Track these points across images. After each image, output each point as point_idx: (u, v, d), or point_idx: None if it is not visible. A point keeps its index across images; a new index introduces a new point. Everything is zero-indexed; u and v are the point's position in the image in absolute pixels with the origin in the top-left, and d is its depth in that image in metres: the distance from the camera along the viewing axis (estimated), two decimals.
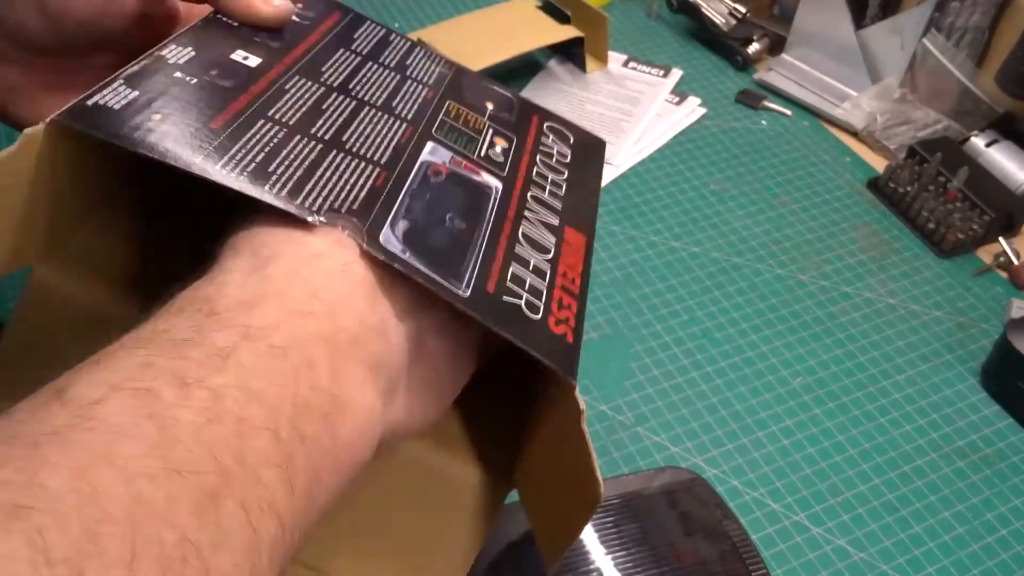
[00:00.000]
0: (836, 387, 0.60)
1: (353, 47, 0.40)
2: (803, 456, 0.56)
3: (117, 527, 0.18)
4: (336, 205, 0.29)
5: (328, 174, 0.31)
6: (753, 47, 0.89)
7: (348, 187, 0.31)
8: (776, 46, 0.90)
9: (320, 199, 0.29)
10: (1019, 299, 0.66)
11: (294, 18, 0.39)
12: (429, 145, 0.36)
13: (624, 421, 0.57)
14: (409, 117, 0.37)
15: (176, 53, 0.33)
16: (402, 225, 0.31)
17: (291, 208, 0.28)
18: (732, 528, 0.48)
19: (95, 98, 0.29)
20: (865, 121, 0.81)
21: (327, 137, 0.33)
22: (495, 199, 0.36)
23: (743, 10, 0.91)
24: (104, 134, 0.28)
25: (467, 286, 0.30)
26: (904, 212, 0.74)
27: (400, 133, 0.35)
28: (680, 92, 0.85)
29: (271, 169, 0.30)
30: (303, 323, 0.24)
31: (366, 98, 0.36)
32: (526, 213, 0.36)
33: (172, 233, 0.38)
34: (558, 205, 0.38)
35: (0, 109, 0.37)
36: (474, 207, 0.34)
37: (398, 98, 0.38)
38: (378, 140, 0.34)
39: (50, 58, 0.36)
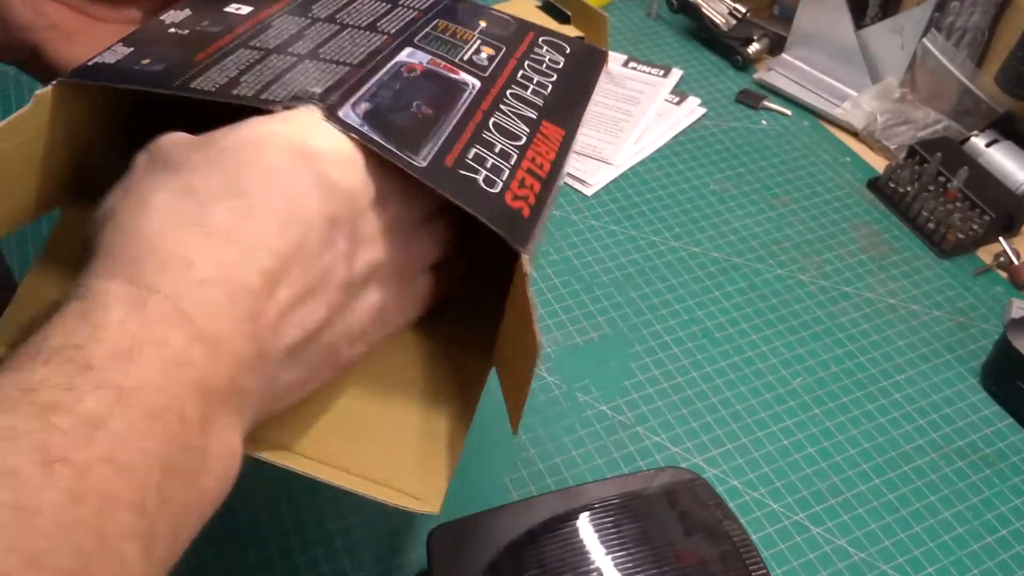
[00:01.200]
0: (836, 387, 0.60)
1: None
2: (803, 456, 0.56)
3: None
4: (298, 94, 0.31)
5: (298, 76, 0.33)
6: (753, 47, 0.89)
7: (313, 79, 0.32)
8: (776, 46, 0.90)
9: (284, 93, 0.31)
10: (1019, 299, 0.66)
11: None
12: (407, 49, 0.37)
13: (624, 421, 0.57)
14: (392, 32, 0.38)
15: (173, 16, 0.36)
16: (364, 106, 0.32)
17: (254, 103, 0.30)
18: (732, 528, 0.48)
19: (95, 59, 0.33)
20: (865, 121, 0.81)
21: (303, 52, 0.34)
22: (470, 93, 0.36)
23: (743, 10, 0.91)
24: (96, 81, 0.32)
25: (424, 159, 0.31)
26: (904, 212, 0.74)
27: (378, 43, 0.36)
28: (680, 92, 0.85)
29: (242, 79, 0.32)
30: (180, 375, 0.23)
31: (351, 23, 0.38)
32: (501, 106, 0.37)
33: None
34: (539, 102, 0.39)
35: (34, 48, 0.37)
36: (445, 98, 0.35)
37: (384, 20, 0.39)
38: (353, 48, 0.36)
39: (91, 2, 0.38)
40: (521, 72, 0.40)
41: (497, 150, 0.35)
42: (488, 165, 0.34)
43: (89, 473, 0.21)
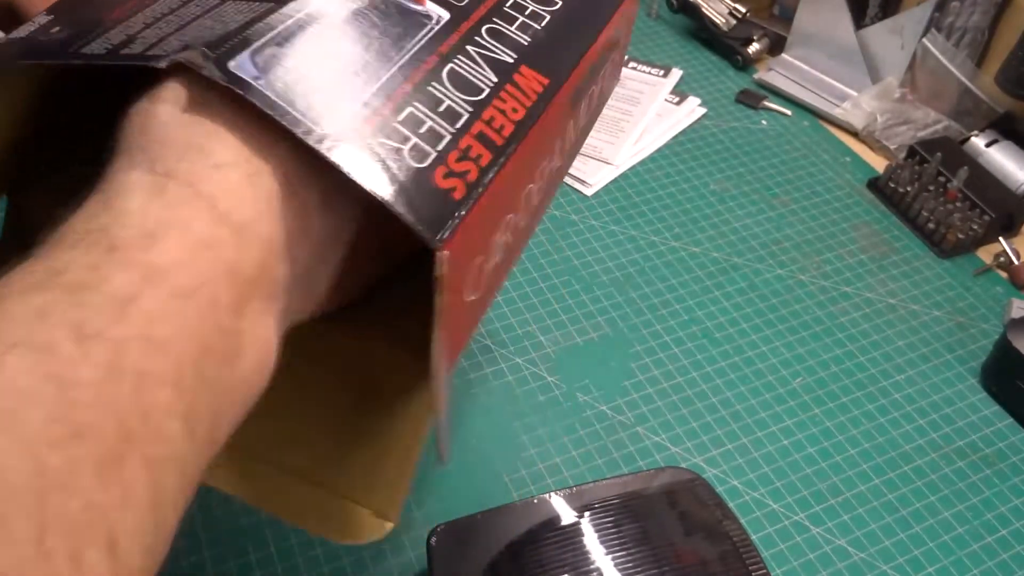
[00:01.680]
0: (836, 387, 0.60)
1: None
2: (803, 456, 0.56)
3: (23, 502, 0.18)
4: (190, 43, 0.25)
5: (206, 21, 0.27)
6: (753, 47, 0.89)
7: (218, 25, 0.26)
8: (776, 46, 0.90)
9: (177, 43, 0.25)
10: (1019, 299, 0.66)
11: None
12: None
13: (624, 421, 0.57)
14: None
15: None
16: (269, 52, 0.26)
17: (137, 61, 0.25)
18: (732, 528, 0.48)
19: (12, 34, 0.28)
20: (865, 121, 0.81)
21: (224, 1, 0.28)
22: (431, 29, 0.29)
23: (743, 10, 0.91)
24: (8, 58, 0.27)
25: (332, 122, 0.25)
26: (904, 212, 0.74)
27: None
28: (680, 92, 0.85)
29: (141, 35, 0.27)
30: (207, 257, 0.23)
31: None
32: (468, 47, 0.30)
33: None
34: (524, 39, 0.31)
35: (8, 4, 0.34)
36: (393, 38, 0.28)
37: None
38: None
39: None
40: (512, 1, 0.32)
41: (442, 108, 0.27)
42: (423, 130, 0.26)
43: (124, 349, 0.20)
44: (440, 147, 0.27)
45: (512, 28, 0.32)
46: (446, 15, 0.30)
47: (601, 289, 0.66)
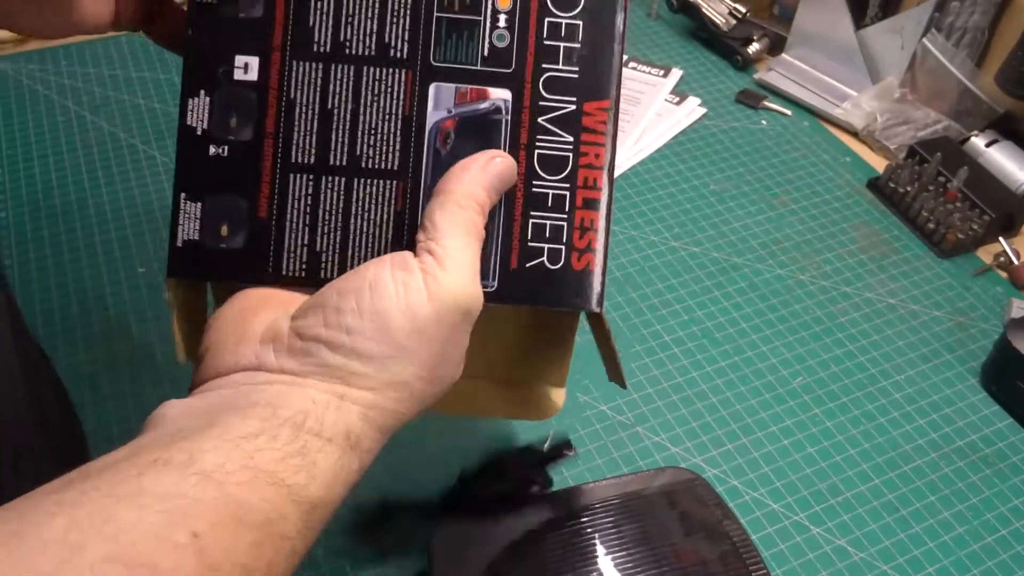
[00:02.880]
0: (836, 387, 0.60)
1: None
2: (803, 456, 0.56)
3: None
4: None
5: (359, 223, 0.36)
6: (753, 47, 0.89)
7: (377, 229, 0.35)
8: (776, 46, 0.90)
9: (362, 262, 0.34)
10: (1019, 299, 0.66)
11: None
12: (432, 90, 0.36)
13: (624, 421, 0.57)
14: (404, 53, 0.36)
15: (196, 113, 0.36)
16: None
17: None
18: (732, 528, 0.48)
19: (180, 234, 0.36)
20: (865, 121, 0.81)
21: (344, 163, 0.36)
22: (506, 123, 0.36)
23: (743, 10, 0.91)
24: (207, 278, 0.37)
25: (493, 276, 0.35)
26: (904, 212, 0.74)
27: (402, 99, 0.36)
28: (680, 92, 0.85)
29: (318, 249, 0.36)
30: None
31: (361, 52, 0.36)
32: (540, 120, 0.36)
33: None
34: (575, 73, 0.37)
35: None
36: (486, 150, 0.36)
37: (388, 20, 0.36)
38: (385, 129, 0.36)
39: None
40: (547, 22, 0.37)
41: (550, 201, 0.36)
42: (547, 233, 0.36)
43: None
44: (565, 238, 0.36)
45: (560, 66, 0.37)
46: (508, 95, 0.36)
47: None
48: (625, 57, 0.89)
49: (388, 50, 0.36)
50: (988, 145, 0.76)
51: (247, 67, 0.36)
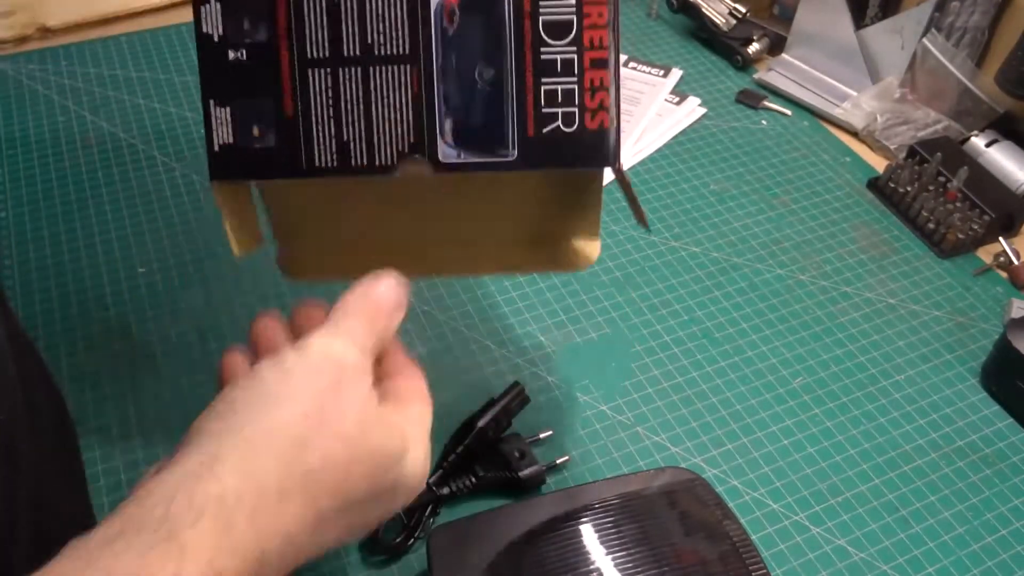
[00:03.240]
0: (836, 387, 0.60)
1: None
2: (803, 456, 0.56)
3: None
4: (401, 147, 0.37)
5: (380, 109, 0.37)
6: (753, 47, 0.89)
7: (399, 115, 0.37)
8: (776, 46, 0.90)
9: (387, 147, 0.37)
10: (1019, 299, 0.66)
11: None
12: None
13: (624, 421, 0.57)
14: None
15: (210, 20, 0.37)
16: (448, 126, 0.37)
17: (375, 174, 0.37)
18: (732, 528, 0.48)
19: (215, 139, 0.38)
20: (865, 121, 0.81)
21: (358, 53, 0.37)
22: None
23: (743, 10, 0.91)
24: (247, 177, 0.39)
25: (512, 145, 0.37)
26: (904, 212, 0.74)
27: None
28: (680, 92, 0.85)
29: (346, 138, 0.37)
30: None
31: None
32: None
33: None
34: None
35: None
36: (493, 34, 0.37)
37: None
38: (393, 15, 0.37)
39: None
40: None
41: (559, 66, 0.37)
42: (560, 97, 0.37)
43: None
44: (577, 100, 0.37)
45: None
46: None
47: (601, 289, 0.66)
48: (625, 57, 0.89)
49: None
50: (988, 145, 0.76)
51: None
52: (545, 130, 0.37)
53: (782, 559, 0.50)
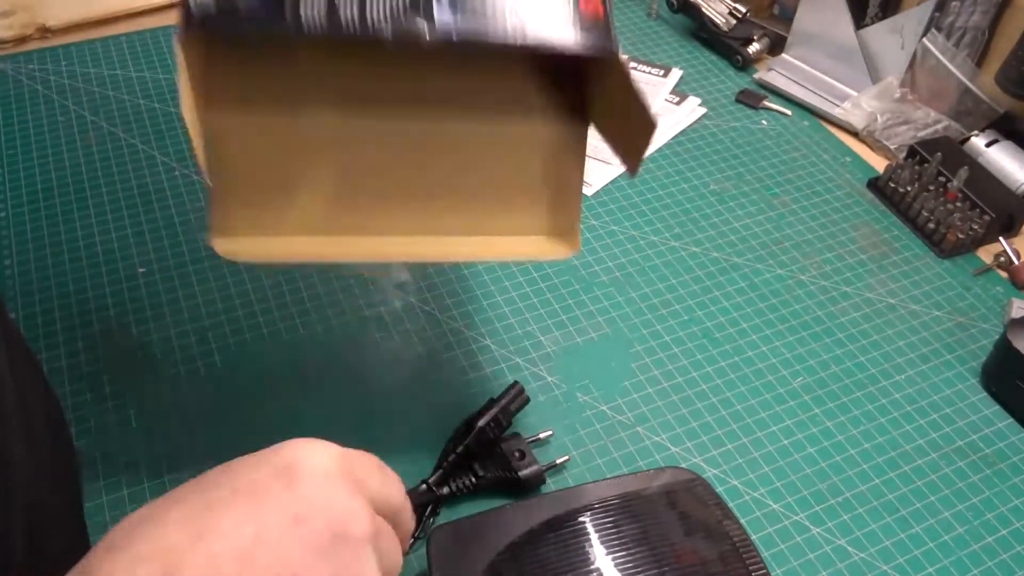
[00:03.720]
0: (836, 387, 0.60)
1: None
2: (803, 456, 0.56)
3: None
4: (398, 15, 0.35)
5: None
6: (753, 47, 0.89)
7: None
8: (776, 46, 0.90)
9: (380, 4, 0.35)
10: (1019, 299, 0.66)
11: None
12: None
13: (624, 421, 0.57)
14: None
15: None
16: None
17: (366, 34, 0.35)
18: (732, 528, 0.48)
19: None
20: (865, 121, 0.81)
21: None
22: None
23: (743, 10, 0.91)
24: (227, 29, 0.35)
25: (526, 14, 0.36)
26: (904, 212, 0.74)
27: None
28: (680, 92, 0.85)
29: (337, 8, 0.35)
30: None
31: None
32: None
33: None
34: None
35: None
36: None
37: None
38: None
39: None
40: None
41: None
42: None
43: None
44: None
45: None
46: None
47: (601, 289, 0.66)
48: (625, 57, 0.89)
49: None
50: (988, 145, 0.76)
51: None
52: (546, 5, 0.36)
53: (782, 559, 0.50)
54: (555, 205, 0.45)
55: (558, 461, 0.53)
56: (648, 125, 0.40)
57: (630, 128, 0.42)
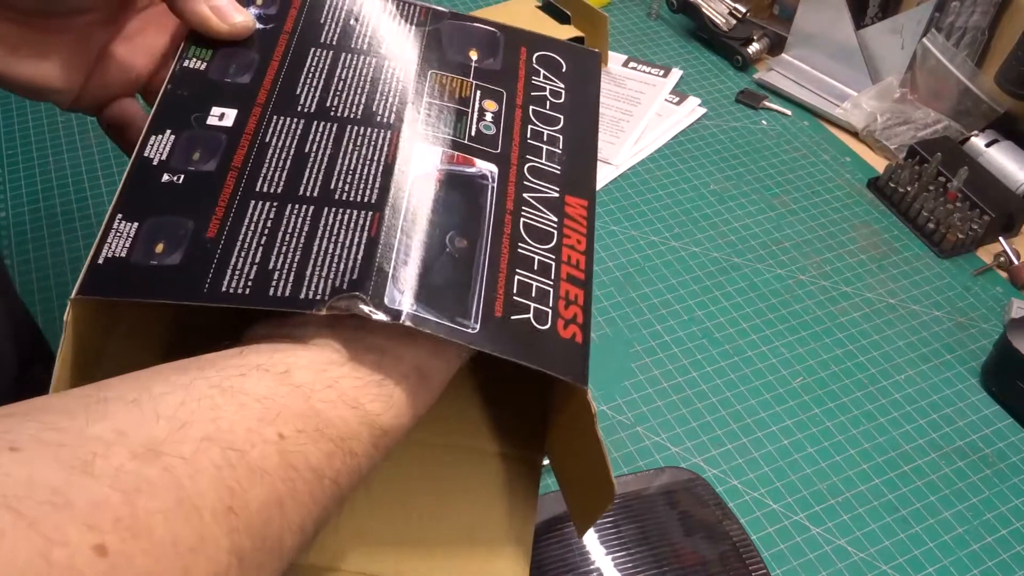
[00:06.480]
0: (836, 387, 0.60)
1: (322, 39, 0.38)
2: (803, 456, 0.56)
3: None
4: (337, 283, 0.30)
5: (325, 245, 0.31)
6: (753, 47, 0.89)
7: (345, 252, 0.31)
8: (776, 46, 0.90)
9: (321, 281, 0.30)
10: (1019, 299, 0.66)
11: (257, 25, 0.38)
12: (418, 149, 0.35)
13: (624, 421, 0.57)
14: (391, 120, 0.36)
15: (156, 147, 0.34)
16: (403, 274, 0.31)
17: (297, 308, 0.30)
18: (732, 528, 0.48)
19: (104, 251, 0.31)
20: (865, 121, 0.81)
21: (316, 194, 0.33)
22: (492, 189, 0.35)
23: (743, 10, 0.91)
24: (125, 295, 0.31)
25: (475, 318, 0.31)
26: (904, 212, 0.74)
27: (386, 150, 0.34)
28: (680, 92, 0.85)
29: (271, 267, 0.31)
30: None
31: (346, 114, 0.36)
32: (525, 195, 0.35)
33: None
34: (557, 170, 0.37)
35: None
36: (472, 212, 0.34)
37: (378, 96, 0.37)
38: (365, 171, 0.34)
39: (36, 17, 0.37)
40: (530, 128, 0.38)
41: (536, 265, 0.34)
42: (533, 292, 0.33)
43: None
44: (551, 302, 0.33)
45: (543, 161, 0.37)
46: (495, 168, 0.35)
47: (601, 289, 0.66)
48: (625, 57, 0.89)
49: (375, 116, 0.36)
50: (988, 145, 0.76)
51: (223, 116, 0.35)
52: (514, 318, 0.31)
53: (782, 559, 0.50)
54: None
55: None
56: (605, 493, 0.34)
57: (586, 483, 0.36)
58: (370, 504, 0.37)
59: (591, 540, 0.46)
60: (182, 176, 0.33)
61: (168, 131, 0.34)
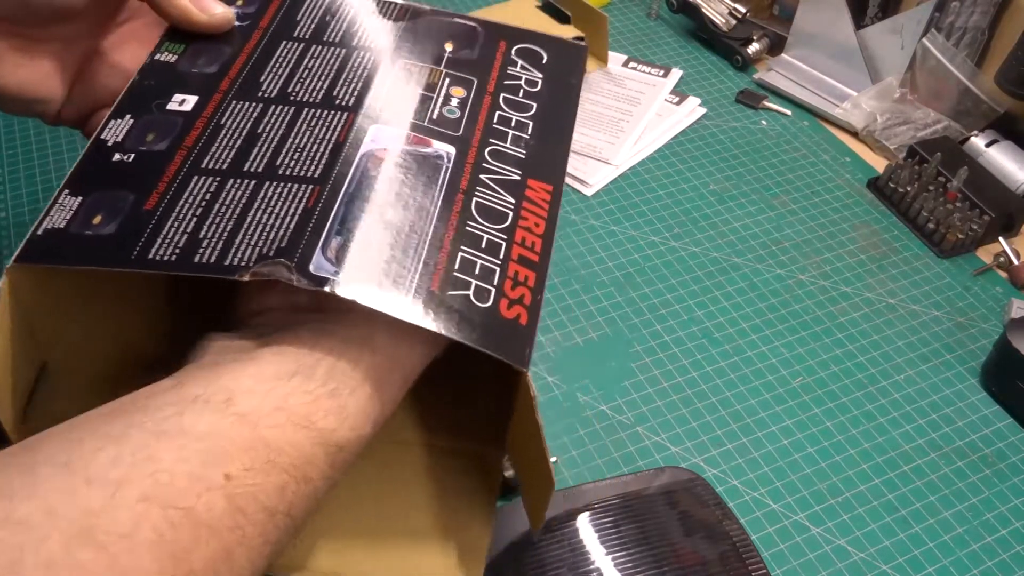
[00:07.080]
0: (836, 387, 0.60)
1: (295, 33, 0.39)
2: (803, 456, 0.56)
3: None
4: (265, 250, 0.30)
5: (260, 215, 0.31)
6: (753, 47, 0.89)
7: (279, 221, 0.31)
8: (776, 46, 0.90)
9: (249, 248, 0.30)
10: (1019, 299, 0.66)
11: (236, 22, 0.39)
12: (372, 129, 0.35)
13: (624, 421, 0.57)
14: (350, 103, 0.36)
15: (114, 130, 0.34)
16: (335, 243, 0.31)
17: (220, 274, 0.29)
18: (732, 528, 0.48)
19: (44, 223, 0.31)
20: (865, 121, 0.81)
21: (260, 170, 0.33)
22: (447, 169, 0.34)
23: (743, 10, 0.91)
24: (58, 262, 0.30)
25: (409, 291, 0.30)
26: (904, 212, 0.74)
27: (338, 130, 0.34)
28: (680, 92, 0.85)
29: (201, 235, 0.31)
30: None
31: (305, 99, 0.36)
32: (482, 177, 0.35)
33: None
34: (521, 153, 0.36)
35: None
36: (422, 189, 0.33)
37: (340, 82, 0.37)
38: (314, 149, 0.34)
39: (18, 26, 0.37)
40: (498, 114, 0.37)
41: (484, 243, 0.33)
42: (477, 270, 0.32)
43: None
44: (496, 281, 0.32)
45: (508, 145, 0.37)
46: (452, 150, 0.35)
47: (601, 289, 0.66)
48: (625, 57, 0.89)
49: (334, 100, 0.36)
50: (988, 145, 0.76)
51: (183, 102, 0.35)
52: (451, 292, 0.31)
53: (782, 559, 0.50)
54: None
55: (556, 461, 0.53)
56: (546, 481, 0.32)
57: (530, 472, 0.35)
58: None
59: (591, 540, 0.46)
60: (132, 155, 0.33)
61: (128, 116, 0.35)
